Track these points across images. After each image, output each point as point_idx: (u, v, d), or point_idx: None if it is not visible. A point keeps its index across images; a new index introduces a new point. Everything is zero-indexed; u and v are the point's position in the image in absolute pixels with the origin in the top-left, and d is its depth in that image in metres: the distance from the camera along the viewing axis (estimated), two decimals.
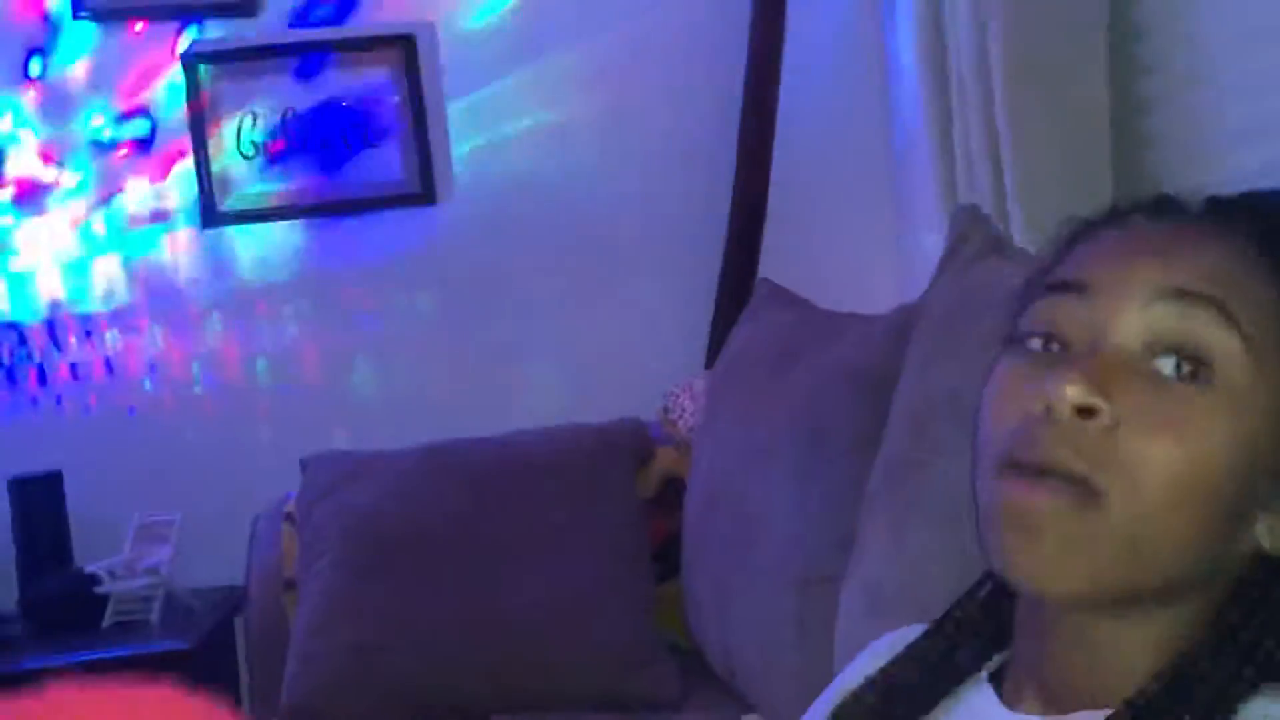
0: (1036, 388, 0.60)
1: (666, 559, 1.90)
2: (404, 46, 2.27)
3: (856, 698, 0.74)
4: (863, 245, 2.12)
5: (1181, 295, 0.59)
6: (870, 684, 0.74)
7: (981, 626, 0.73)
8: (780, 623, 1.55)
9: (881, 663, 0.77)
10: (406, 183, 2.28)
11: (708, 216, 2.20)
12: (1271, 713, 0.60)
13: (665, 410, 2.07)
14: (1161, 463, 0.58)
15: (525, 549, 1.86)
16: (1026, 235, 1.50)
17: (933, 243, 1.88)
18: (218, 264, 2.30)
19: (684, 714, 1.72)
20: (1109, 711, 0.61)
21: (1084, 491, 0.58)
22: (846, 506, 1.44)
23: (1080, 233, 0.69)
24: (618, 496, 1.92)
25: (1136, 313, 0.60)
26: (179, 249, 2.29)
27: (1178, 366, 0.59)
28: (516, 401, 2.26)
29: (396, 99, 2.27)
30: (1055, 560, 0.59)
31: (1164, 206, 0.66)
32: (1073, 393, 0.58)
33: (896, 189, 2.16)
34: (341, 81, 2.27)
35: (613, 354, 2.24)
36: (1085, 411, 0.58)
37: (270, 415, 2.31)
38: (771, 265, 2.11)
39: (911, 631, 0.81)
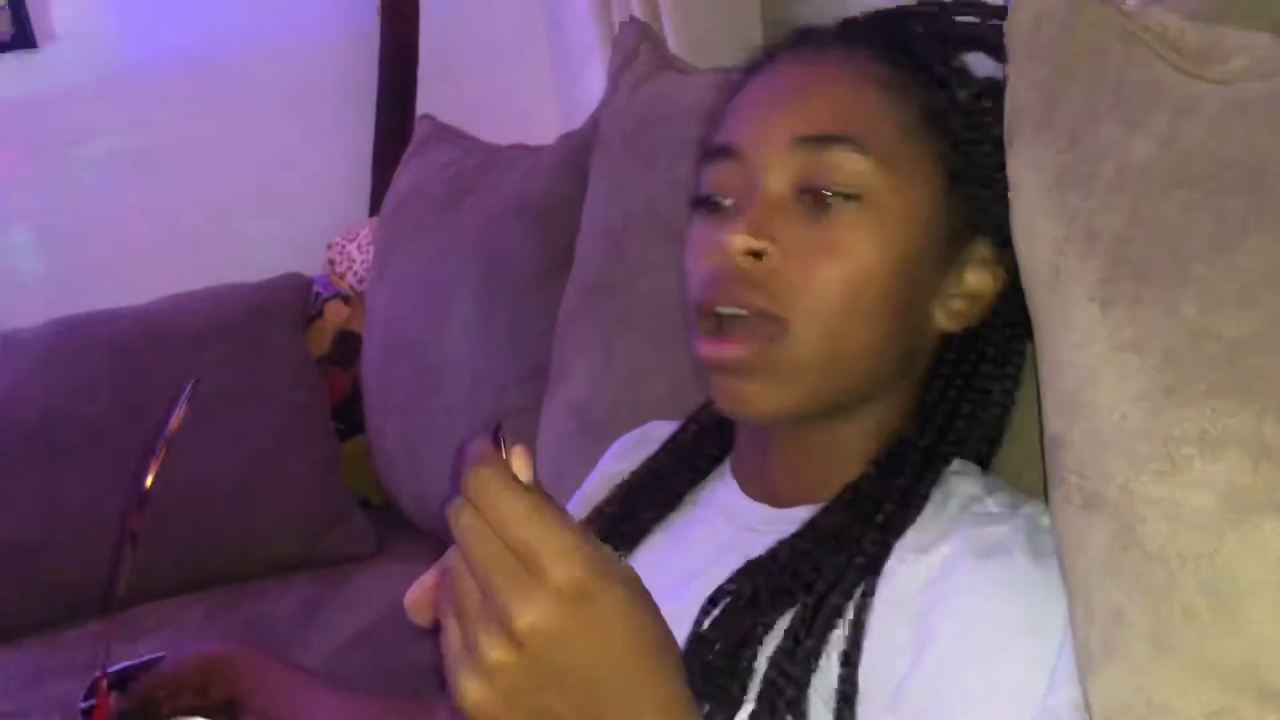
0: (715, 242, 0.68)
1: (349, 414, 1.83)
2: None
3: (600, 509, 0.79)
4: (520, 77, 2.07)
5: (816, 140, 0.66)
6: (613, 494, 0.80)
7: (723, 424, 0.79)
8: None
9: (624, 464, 0.83)
10: None
11: (357, 55, 2.07)
12: (965, 490, 0.67)
13: (330, 263, 1.97)
14: (828, 280, 0.65)
15: (191, 421, 1.73)
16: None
17: (592, 72, 1.87)
18: None
19: (382, 566, 1.69)
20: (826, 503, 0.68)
21: (769, 323, 0.66)
22: (533, 337, 1.44)
23: (733, 86, 0.74)
24: (286, 357, 1.82)
25: (780, 163, 0.67)
26: None
27: (826, 200, 0.66)
28: (158, 268, 2.05)
29: None
30: (761, 392, 0.66)
31: (802, 42, 0.72)
32: (738, 241, 0.66)
33: (551, 20, 2.12)
34: None
35: (264, 208, 2.09)
36: (754, 255, 0.66)
37: None
38: (428, 104, 2.02)
39: (656, 428, 0.85)
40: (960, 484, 0.68)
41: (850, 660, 0.61)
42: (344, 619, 1.56)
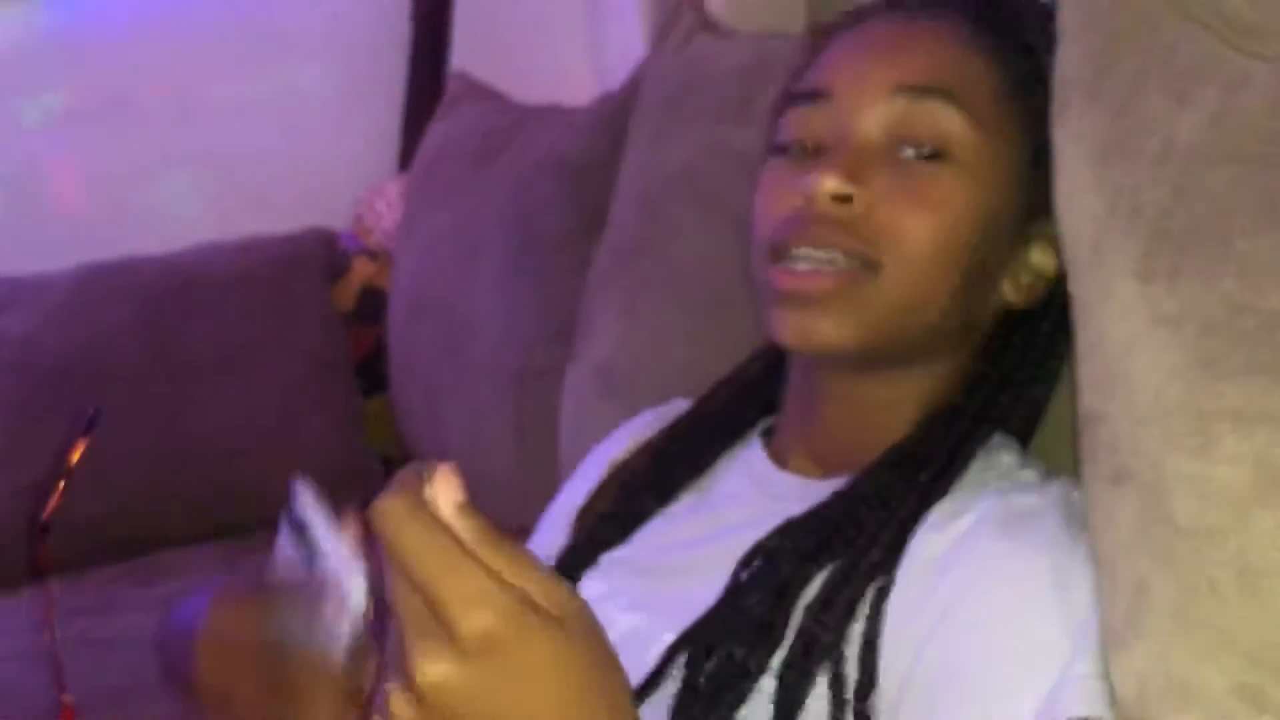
0: (797, 184, 0.67)
1: (372, 372, 1.84)
2: None
3: (626, 466, 0.79)
4: (555, 36, 2.06)
5: (914, 89, 0.67)
6: (641, 453, 0.79)
7: (757, 390, 0.78)
8: (498, 420, 1.54)
9: (644, 438, 0.82)
10: None
11: (390, 9, 2.06)
12: (1005, 461, 0.68)
13: (359, 219, 1.97)
14: (918, 231, 0.66)
15: (212, 371, 1.75)
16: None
17: (627, 34, 1.85)
18: None
19: None
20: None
21: (860, 263, 0.66)
22: (561, 298, 1.43)
23: (821, 39, 0.74)
24: (311, 310, 1.83)
25: (876, 109, 0.67)
26: None
27: (918, 151, 0.66)
28: (182, 217, 2.06)
29: None
30: (832, 325, 0.66)
31: (892, 6, 0.72)
32: (828, 183, 0.65)
33: None
34: None
35: (291, 160, 2.07)
36: (841, 199, 0.66)
37: None
38: (461, 60, 2.01)
39: (675, 407, 0.84)
40: (1001, 455, 0.68)
41: (875, 617, 0.61)
42: None
